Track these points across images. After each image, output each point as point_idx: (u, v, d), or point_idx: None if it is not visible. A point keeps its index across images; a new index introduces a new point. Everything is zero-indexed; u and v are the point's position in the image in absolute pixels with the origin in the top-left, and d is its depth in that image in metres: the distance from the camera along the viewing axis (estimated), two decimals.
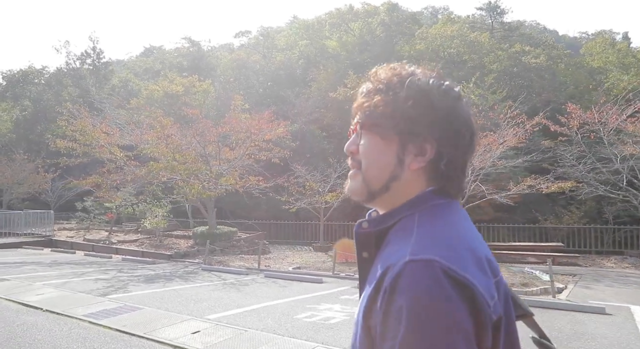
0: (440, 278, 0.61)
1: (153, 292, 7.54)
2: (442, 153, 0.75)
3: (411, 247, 0.66)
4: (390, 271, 0.65)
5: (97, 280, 8.77)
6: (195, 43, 48.91)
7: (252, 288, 8.18)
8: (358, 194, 0.80)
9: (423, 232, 0.70)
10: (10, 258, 12.81)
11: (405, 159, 0.76)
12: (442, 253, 0.64)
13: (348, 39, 36.70)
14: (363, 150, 0.79)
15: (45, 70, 34.71)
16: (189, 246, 15.30)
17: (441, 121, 0.75)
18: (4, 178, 23.33)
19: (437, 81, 0.77)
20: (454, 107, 0.77)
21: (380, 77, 0.79)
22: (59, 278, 8.94)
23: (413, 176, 0.76)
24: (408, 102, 0.75)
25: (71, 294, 7.14)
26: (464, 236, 0.70)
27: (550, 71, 26.83)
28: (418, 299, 0.60)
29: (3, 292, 7.27)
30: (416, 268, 0.63)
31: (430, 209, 0.74)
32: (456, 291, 0.61)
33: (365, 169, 0.78)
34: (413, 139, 0.75)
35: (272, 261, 13.84)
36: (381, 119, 0.76)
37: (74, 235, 18.82)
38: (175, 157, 13.22)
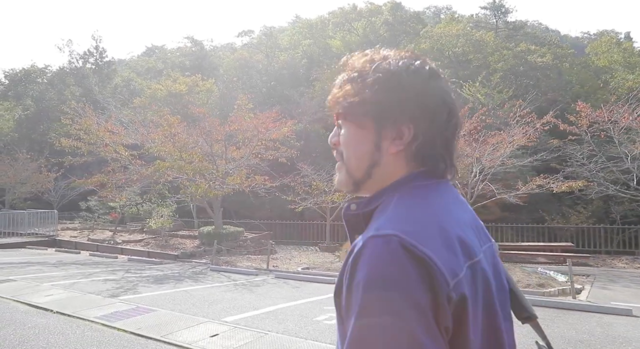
0: (397, 252, 0.61)
1: (164, 293, 7.36)
2: (418, 134, 0.74)
3: (377, 224, 0.67)
4: (355, 247, 0.66)
5: (105, 281, 8.59)
6: (197, 43, 48.81)
7: (264, 289, 8.00)
8: (345, 185, 0.81)
9: (396, 210, 0.70)
10: (14, 258, 12.64)
11: (382, 144, 0.75)
12: (404, 228, 0.64)
13: (352, 38, 36.56)
14: (343, 140, 0.79)
15: (47, 69, 34.54)
16: (195, 246, 15.13)
17: (412, 102, 0.74)
18: (7, 177, 23.15)
19: (407, 62, 0.76)
20: (425, 86, 0.75)
21: (353, 65, 0.79)
22: (66, 279, 8.77)
23: (393, 160, 0.76)
24: (375, 86, 0.74)
25: (81, 295, 6.97)
26: (437, 214, 0.70)
27: (556, 70, 26.65)
28: (373, 273, 0.61)
29: (10, 293, 7.10)
30: (376, 242, 0.63)
31: (412, 189, 0.74)
32: (413, 265, 0.61)
33: (347, 160, 0.78)
34: (388, 123, 0.74)
35: (280, 262, 13.66)
36: (353, 107, 0.75)
37: (78, 235, 18.65)
38: (182, 156, 13.04)
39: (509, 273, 0.82)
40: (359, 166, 0.77)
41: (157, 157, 15.06)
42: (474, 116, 15.92)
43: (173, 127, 13.25)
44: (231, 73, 39.83)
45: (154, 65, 50.94)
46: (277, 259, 14.69)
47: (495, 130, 16.11)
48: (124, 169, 16.26)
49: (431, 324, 0.60)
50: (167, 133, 13.16)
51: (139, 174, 13.89)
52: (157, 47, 62.40)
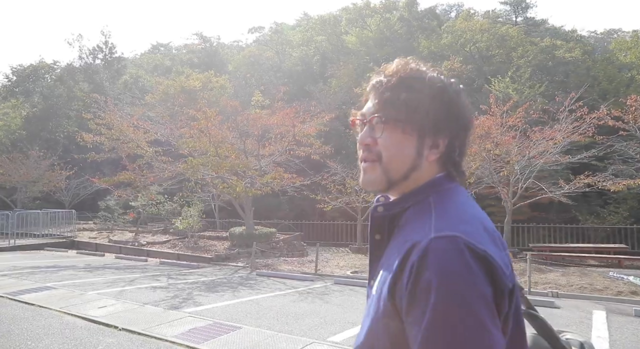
0: (463, 252, 0.67)
1: (230, 304, 6.48)
2: (454, 145, 0.83)
3: (434, 225, 0.72)
4: (416, 247, 0.69)
5: (153, 289, 7.71)
6: (207, 39, 47.95)
7: (339, 299, 7.12)
8: (377, 185, 0.83)
9: (441, 211, 0.75)
10: (39, 261, 11.75)
11: (423, 151, 0.81)
12: (462, 229, 0.70)
13: (369, 34, 35.63)
14: (384, 143, 0.81)
15: (56, 65, 33.60)
16: (227, 248, 14.23)
17: (455, 117, 0.82)
18: (18, 176, 22.23)
19: (447, 79, 0.83)
20: (464, 104, 0.84)
21: (394, 71, 0.82)
22: (109, 286, 7.88)
23: (429, 165, 0.82)
24: (430, 99, 0.79)
25: (138, 307, 6.08)
26: (476, 214, 0.77)
27: (585, 66, 25.80)
28: (445, 271, 0.65)
29: (58, 304, 6.21)
30: (442, 243, 0.68)
31: (443, 192, 0.80)
32: (477, 263, 0.66)
33: (388, 162, 0.81)
34: (431, 133, 0.81)
35: (315, 264, 12.81)
36: (406, 114, 0.79)
37: (97, 236, 17.75)
38: (218, 152, 12.13)
39: None
40: (399, 168, 0.81)
41: (187, 154, 14.19)
42: (517, 111, 15.15)
43: (210, 120, 12.33)
44: (244, 70, 38.98)
45: (161, 62, 50.14)
46: (313, 262, 13.84)
47: (539, 125, 15.30)
48: (149, 166, 15.38)
49: (494, 314, 0.66)
50: (202, 127, 12.23)
51: (170, 171, 12.97)
52: (163, 45, 61.58)
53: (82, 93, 32.78)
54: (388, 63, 0.84)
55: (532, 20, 34.88)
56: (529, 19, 35.08)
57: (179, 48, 56.28)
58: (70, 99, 32.64)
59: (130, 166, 14.51)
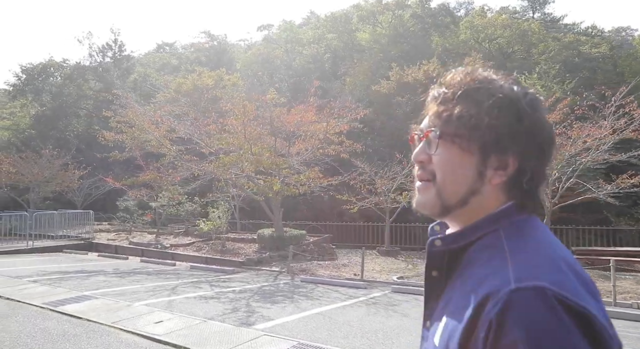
0: (556, 308, 0.55)
1: (299, 318, 5.79)
2: (525, 167, 0.70)
3: (513, 272, 0.60)
4: (491, 300, 0.58)
5: (203, 299, 7.02)
6: (215, 37, 47.37)
7: (414, 311, 6.42)
8: (430, 208, 0.74)
9: (516, 251, 0.64)
10: (63, 265, 11.06)
11: (486, 172, 0.70)
12: (551, 278, 0.58)
13: (382, 31, 34.93)
14: (439, 161, 0.73)
15: (66, 63, 32.87)
16: (256, 251, 13.54)
17: (526, 133, 0.69)
18: (31, 175, 21.55)
19: (521, 89, 0.71)
20: (540, 118, 0.71)
21: (455, 82, 0.73)
22: (152, 295, 7.20)
23: (493, 190, 0.71)
24: (494, 112, 0.69)
25: (201, 323, 5.39)
26: (564, 256, 0.64)
27: (611, 62, 25.10)
28: (535, 332, 0.54)
29: (108, 317, 5.53)
30: (526, 297, 0.57)
31: (515, 225, 0.69)
32: (574, 322, 0.55)
33: (442, 182, 0.72)
34: (496, 152, 0.70)
35: (351, 269, 12.17)
36: (463, 129, 0.70)
37: (115, 237, 17.07)
38: (252, 149, 11.43)
39: None
40: (456, 191, 0.71)
41: (210, 152, 13.52)
42: (558, 106, 14.53)
43: (247, 115, 11.63)
44: (254, 68, 38.34)
45: (168, 61, 49.64)
46: (347, 266, 13.19)
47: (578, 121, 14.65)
48: (172, 165, 14.72)
49: None
50: (238, 123, 11.52)
51: (199, 170, 12.28)
52: (168, 44, 61.00)
53: (92, 92, 32.15)
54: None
55: (549, 16, 34.14)
56: (546, 15, 34.35)
57: (186, 47, 55.67)
58: (80, 98, 31.99)
59: (154, 165, 13.83)
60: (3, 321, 5.38)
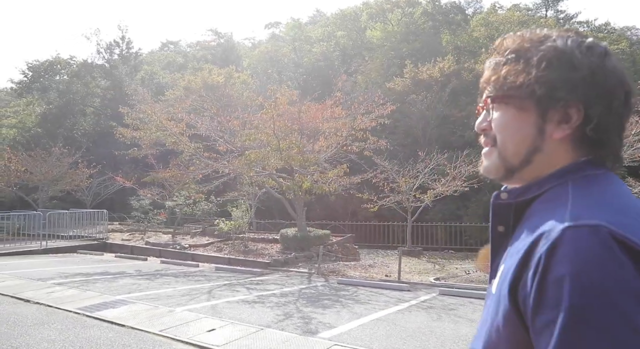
0: (611, 245, 0.52)
1: (362, 324, 5.30)
2: (590, 116, 0.65)
3: (570, 213, 0.58)
4: (544, 238, 0.57)
5: (246, 303, 6.54)
6: (222, 35, 46.89)
7: (477, 315, 5.95)
8: (494, 172, 0.74)
9: (581, 198, 0.61)
10: (84, 266, 10.58)
11: (546, 128, 0.68)
12: (610, 218, 0.55)
13: (394, 28, 34.48)
14: (497, 124, 0.72)
15: (73, 60, 32.41)
16: (279, 252, 13.06)
17: (586, 81, 0.65)
18: (41, 174, 21.07)
19: (576, 39, 0.68)
20: (602, 64, 0.66)
21: (507, 46, 0.72)
22: (191, 300, 6.72)
23: (558, 146, 0.68)
24: (541, 64, 0.66)
25: (258, 331, 4.90)
26: (635, 204, 0.60)
27: (630, 59, 24.61)
28: (584, 266, 0.52)
29: (153, 325, 5.05)
30: (579, 233, 0.54)
31: (586, 178, 0.65)
32: (631, 261, 0.51)
33: (502, 145, 0.72)
34: (554, 105, 0.66)
35: (378, 269, 11.72)
36: (514, 89, 0.69)
37: (130, 238, 16.59)
38: (280, 145, 10.94)
39: None
40: (517, 151, 0.70)
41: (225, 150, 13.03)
42: None
43: (279, 108, 11.12)
44: (263, 66, 37.89)
45: (173, 59, 49.22)
46: (374, 267, 12.73)
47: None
48: (189, 163, 14.25)
49: None
50: (268, 117, 11.02)
51: (225, 167, 11.79)
52: (172, 42, 60.52)
53: (100, 89, 31.68)
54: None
55: (562, 14, 33.68)
56: (559, 12, 33.88)
57: (191, 45, 55.23)
58: (87, 96, 31.51)
59: (173, 162, 13.36)
60: (41, 329, 4.90)
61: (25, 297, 6.67)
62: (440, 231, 18.17)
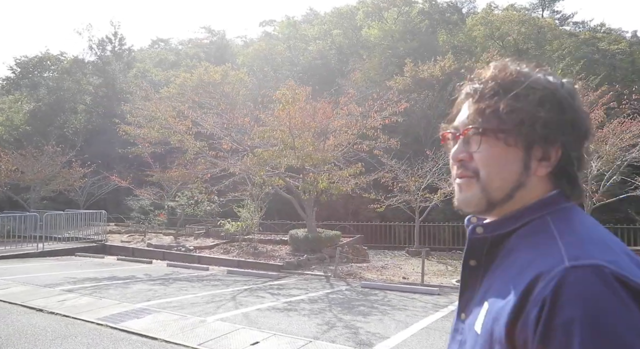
0: (614, 286, 0.53)
1: (413, 333, 4.93)
2: (570, 156, 0.69)
3: (566, 252, 0.58)
4: (543, 279, 0.56)
5: (276, 310, 6.12)
6: (215, 33, 46.25)
7: None
8: (475, 206, 0.71)
9: (567, 234, 0.61)
10: (89, 271, 10.02)
11: (531, 164, 0.69)
12: (607, 257, 0.56)
13: (393, 27, 34.23)
14: (483, 158, 0.70)
15: (63, 56, 31.45)
16: (289, 254, 12.64)
17: (570, 123, 0.68)
18: (33, 174, 20.28)
19: (557, 80, 0.70)
20: (578, 107, 0.70)
21: (489, 77, 0.71)
22: (218, 307, 6.27)
23: (538, 181, 0.70)
24: (540, 105, 0.67)
25: (309, 344, 4.49)
26: (614, 239, 0.62)
27: (629, 59, 24.72)
28: (593, 310, 0.52)
29: (185, 338, 4.61)
30: (583, 274, 0.54)
31: (562, 211, 0.67)
32: (634, 299, 0.52)
33: (488, 179, 0.70)
34: (539, 143, 0.68)
35: (392, 271, 11.40)
36: (510, 124, 0.68)
37: (130, 239, 16.00)
38: (296, 143, 10.52)
39: None
40: (502, 186, 0.69)
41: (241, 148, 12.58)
42: (599, 101, 14.01)
43: (296, 103, 10.68)
44: (257, 64, 37.37)
45: (165, 57, 48.44)
46: (387, 269, 12.40)
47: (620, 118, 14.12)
48: (195, 161, 13.74)
49: None
50: (284, 114, 10.58)
51: (235, 167, 11.32)
52: (163, 40, 59.62)
53: (92, 86, 30.82)
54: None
55: (559, 14, 33.79)
56: (555, 13, 33.99)
57: (183, 43, 54.43)
58: (79, 93, 30.62)
59: (179, 161, 12.85)
60: (65, 344, 4.43)
61: (37, 305, 6.17)
62: (447, 231, 17.92)
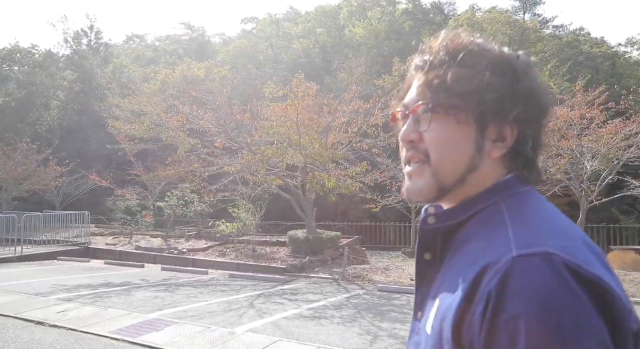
0: (564, 275, 0.48)
1: None
2: (526, 136, 0.63)
3: (515, 240, 0.53)
4: (490, 270, 0.51)
5: (304, 318, 5.65)
6: (195, 29, 45.11)
7: None
8: (425, 193, 0.65)
9: (519, 221, 0.56)
10: (79, 276, 9.24)
11: (484, 145, 0.63)
12: (558, 244, 0.51)
13: (378, 26, 34.12)
14: (433, 138, 0.63)
15: (35, 50, 29.85)
16: (290, 255, 12.14)
17: (526, 95, 0.62)
18: (5, 172, 19.03)
19: (512, 51, 0.66)
20: (537, 80, 0.64)
21: (440, 47, 0.65)
22: (240, 316, 5.75)
23: (492, 164, 0.64)
24: (491, 72, 0.60)
25: None
26: (573, 226, 0.57)
27: (609, 63, 25.36)
28: (540, 303, 0.47)
29: None
30: (531, 263, 0.50)
31: (517, 197, 0.61)
32: (585, 291, 0.48)
33: (438, 161, 0.63)
34: (494, 121, 0.62)
35: (397, 273, 11.10)
36: (459, 97, 0.61)
37: (115, 242, 15.12)
38: (301, 140, 10.04)
39: None
40: (454, 170, 0.63)
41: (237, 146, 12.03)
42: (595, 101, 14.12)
43: (306, 98, 10.19)
44: (240, 61, 36.60)
45: (142, 53, 47.02)
46: (391, 270, 12.07)
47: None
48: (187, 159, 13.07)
49: None
50: (292, 110, 10.07)
51: (236, 164, 10.75)
52: (138, 36, 57.88)
53: (66, 81, 29.38)
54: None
55: (539, 17, 34.43)
56: (536, 16, 34.62)
57: (161, 39, 52.96)
58: (52, 88, 29.12)
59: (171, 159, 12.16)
60: None
61: (35, 318, 5.50)
62: None
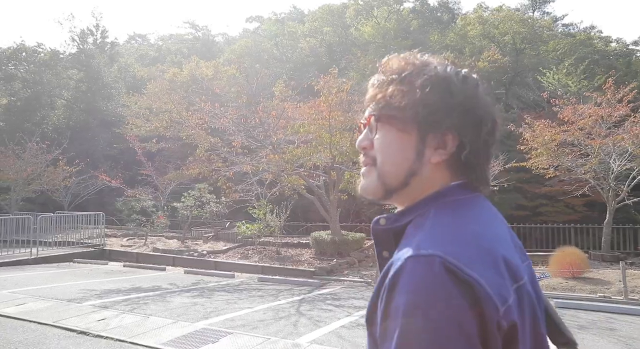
0: (440, 275, 0.54)
1: None
2: (464, 143, 0.68)
3: (417, 243, 0.60)
4: (392, 268, 0.58)
5: (363, 328, 5.30)
6: (200, 28, 44.77)
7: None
8: (373, 193, 0.73)
9: (435, 228, 0.63)
10: (104, 281, 8.88)
11: (425, 152, 0.69)
12: (446, 248, 0.57)
13: (387, 25, 33.77)
14: (378, 145, 0.71)
15: (41, 48, 29.42)
16: (315, 257, 11.79)
17: (461, 108, 0.68)
18: (13, 173, 18.63)
19: (454, 68, 0.71)
20: (475, 94, 0.70)
21: (392, 67, 0.72)
22: (293, 326, 5.40)
23: (434, 170, 0.69)
24: (425, 89, 0.68)
25: None
26: (481, 233, 0.62)
27: (624, 60, 25.05)
28: (415, 298, 0.54)
29: None
30: (417, 264, 0.56)
31: (450, 204, 0.67)
32: (458, 289, 0.54)
33: (382, 165, 0.71)
34: (433, 130, 0.68)
35: None
36: (398, 110, 0.69)
37: (130, 244, 14.75)
38: (332, 139, 9.69)
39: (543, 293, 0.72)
40: (396, 173, 0.70)
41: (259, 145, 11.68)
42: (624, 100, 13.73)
43: (336, 96, 9.83)
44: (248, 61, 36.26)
45: (146, 52, 46.74)
46: None
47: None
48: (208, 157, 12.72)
49: None
50: (325, 107, 9.71)
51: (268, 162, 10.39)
52: (140, 36, 57.61)
53: (73, 80, 28.97)
54: (386, 59, 0.73)
55: (549, 15, 34.11)
56: (546, 14, 34.32)
57: (164, 38, 52.64)
58: (58, 87, 28.71)
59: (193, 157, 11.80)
60: None
61: (75, 327, 5.14)
62: None
